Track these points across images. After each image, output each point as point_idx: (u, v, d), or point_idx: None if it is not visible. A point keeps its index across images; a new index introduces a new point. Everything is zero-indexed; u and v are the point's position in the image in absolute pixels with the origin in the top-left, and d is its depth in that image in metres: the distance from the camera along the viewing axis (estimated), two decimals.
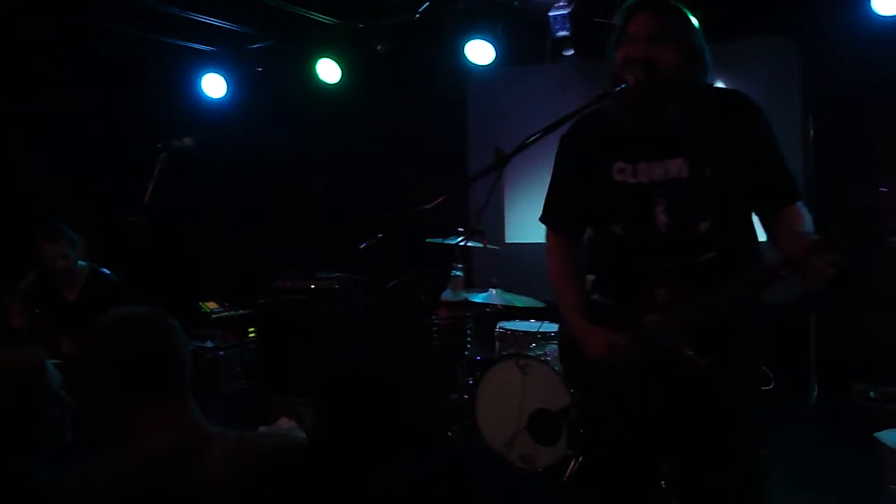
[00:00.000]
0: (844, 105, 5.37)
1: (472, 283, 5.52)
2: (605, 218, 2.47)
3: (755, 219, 2.46)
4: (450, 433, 4.86)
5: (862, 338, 5.18)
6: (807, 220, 2.30)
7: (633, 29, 2.33)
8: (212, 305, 6.52)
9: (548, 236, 2.71)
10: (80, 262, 4.55)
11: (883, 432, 4.66)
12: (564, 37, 5.66)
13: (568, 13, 5.56)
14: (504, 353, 4.77)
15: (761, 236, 2.47)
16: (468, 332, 4.98)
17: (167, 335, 1.81)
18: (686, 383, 2.32)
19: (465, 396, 4.84)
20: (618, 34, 2.39)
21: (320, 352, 5.65)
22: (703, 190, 2.30)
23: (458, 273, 4.83)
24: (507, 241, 6.50)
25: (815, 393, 5.47)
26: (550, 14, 5.62)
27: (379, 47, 6.24)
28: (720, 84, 2.45)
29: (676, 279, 2.32)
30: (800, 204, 2.35)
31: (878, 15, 4.86)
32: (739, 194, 2.33)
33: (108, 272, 4.65)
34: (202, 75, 6.82)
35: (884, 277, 5.03)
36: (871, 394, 4.95)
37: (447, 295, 4.66)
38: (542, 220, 2.72)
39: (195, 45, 6.74)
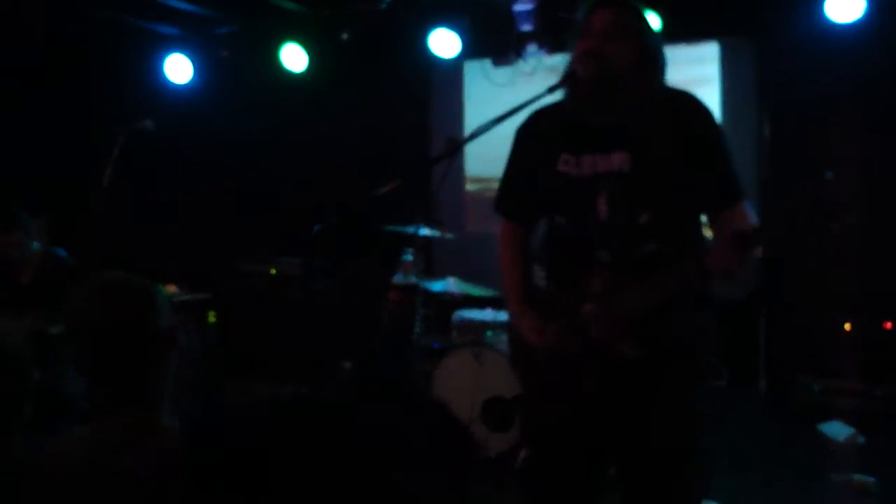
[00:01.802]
0: (798, 107, 5.49)
1: (430, 272, 5.58)
2: (550, 208, 2.54)
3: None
4: None
5: (807, 333, 5.31)
6: (749, 220, 2.35)
7: (592, 24, 2.39)
8: (171, 289, 6.49)
9: (501, 225, 2.76)
10: (35, 244, 4.51)
11: (825, 424, 4.82)
12: (529, 31, 5.74)
13: (532, 9, 5.64)
14: (460, 342, 4.83)
15: None
16: (417, 316, 5.01)
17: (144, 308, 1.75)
18: (622, 374, 2.35)
19: (422, 382, 4.90)
20: (577, 29, 2.44)
21: (280, 336, 5.68)
22: (644, 183, 2.35)
23: (408, 257, 4.87)
24: (469, 230, 6.57)
25: (763, 385, 5.61)
26: (515, 9, 5.69)
27: (344, 35, 6.25)
28: (676, 84, 2.51)
29: (614, 270, 2.36)
30: (745, 204, 2.40)
31: (831, 21, 4.99)
32: (681, 191, 2.38)
33: (64, 254, 4.61)
34: (165, 58, 6.78)
35: (829, 275, 5.16)
36: (815, 387, 5.08)
37: (398, 278, 4.71)
38: (494, 208, 2.77)
39: (159, 28, 6.70)
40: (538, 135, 2.59)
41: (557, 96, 2.50)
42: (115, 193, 3.59)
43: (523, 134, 2.65)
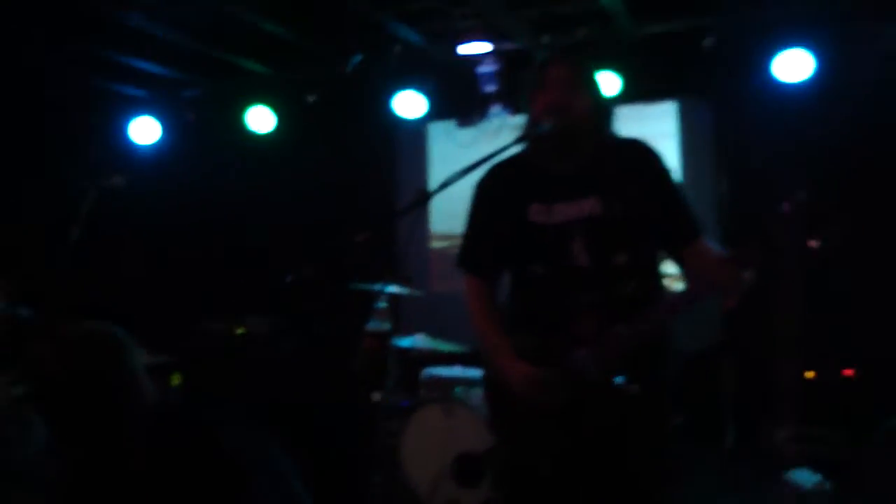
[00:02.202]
0: (754, 162, 5.66)
1: (398, 329, 5.58)
2: (525, 259, 2.56)
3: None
4: (375, 479, 4.86)
5: (771, 381, 5.38)
6: (715, 250, 2.42)
7: (549, 77, 2.50)
8: None
9: (465, 281, 2.76)
10: None
11: (793, 472, 4.85)
12: (492, 92, 5.88)
13: (496, 70, 5.79)
14: (429, 399, 4.82)
15: None
16: (391, 362, 4.99)
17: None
18: (618, 416, 2.38)
19: (390, 442, 4.86)
20: (535, 82, 2.54)
21: (247, 397, 5.61)
22: (616, 225, 2.44)
23: (382, 304, 4.88)
24: (434, 288, 6.60)
25: (730, 434, 5.64)
26: (478, 70, 5.83)
27: (310, 98, 6.34)
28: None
29: (600, 311, 2.40)
30: (705, 237, 2.50)
31: (781, 81, 5.19)
32: (648, 230, 2.48)
33: (27, 313, 4.53)
34: (131, 120, 6.81)
35: (789, 324, 5.26)
36: (781, 435, 5.12)
37: (372, 325, 4.71)
38: (458, 264, 2.78)
39: (126, 90, 6.74)
40: (502, 187, 2.64)
41: (514, 150, 2.60)
42: (82, 250, 3.57)
43: (484, 188, 2.70)
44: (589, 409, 2.39)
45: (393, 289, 5.03)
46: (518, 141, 2.52)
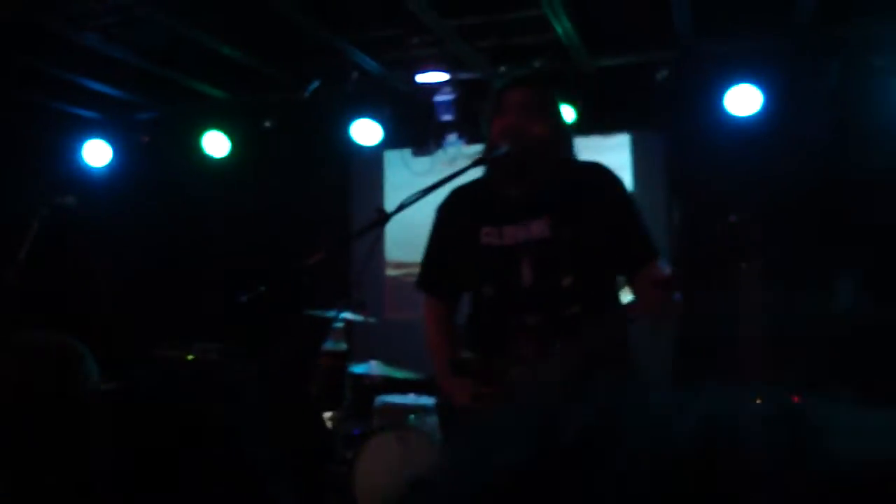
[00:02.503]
0: (705, 194, 5.77)
1: (352, 356, 5.54)
2: (477, 280, 2.61)
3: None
4: None
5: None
6: (667, 272, 2.45)
7: (508, 101, 2.52)
8: None
9: (424, 302, 2.79)
10: None
11: None
12: (449, 121, 5.92)
13: (452, 99, 5.84)
14: (382, 426, 4.78)
15: None
16: (347, 382, 4.94)
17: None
18: None
19: (344, 469, 4.80)
20: (493, 106, 2.57)
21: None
22: (564, 248, 2.46)
23: (339, 325, 4.85)
24: (388, 316, 6.57)
25: None
26: (435, 99, 5.88)
27: (267, 123, 6.32)
28: None
29: (543, 333, 2.43)
30: (661, 260, 2.52)
31: (731, 114, 5.32)
32: (599, 253, 2.49)
33: None
34: (85, 142, 6.71)
35: (737, 351, 5.34)
36: None
37: (328, 345, 4.67)
38: (416, 284, 2.81)
39: (80, 111, 6.66)
40: (458, 211, 2.69)
41: (476, 174, 2.62)
42: (30, 270, 3.49)
43: (443, 211, 2.74)
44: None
45: (347, 315, 5.00)
46: (475, 164, 2.54)
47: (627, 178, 6.11)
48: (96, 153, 6.72)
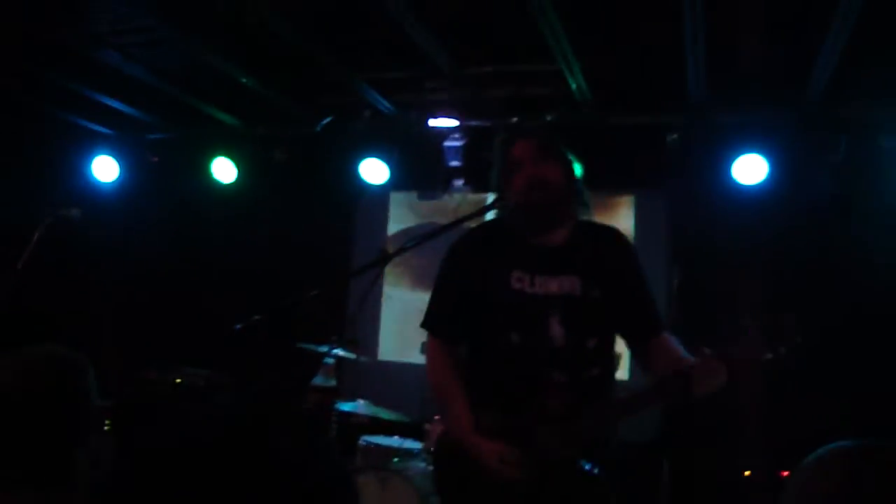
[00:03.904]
0: (707, 257, 5.78)
1: (340, 393, 5.50)
2: (503, 325, 2.51)
3: None
4: None
5: (709, 478, 5.40)
6: (681, 347, 2.47)
7: (517, 154, 2.52)
8: None
9: (429, 343, 2.69)
10: None
11: None
12: (456, 167, 5.94)
13: (461, 145, 5.86)
14: (365, 467, 4.72)
15: None
16: (334, 418, 4.90)
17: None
18: (579, 499, 2.37)
19: None
20: (503, 160, 2.57)
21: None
22: (593, 309, 2.46)
23: (329, 361, 4.81)
24: (381, 358, 6.54)
25: None
26: (445, 144, 5.90)
27: (277, 154, 6.35)
28: None
29: (569, 392, 2.40)
30: (667, 333, 2.53)
31: (738, 182, 5.36)
32: (619, 318, 2.51)
33: None
34: (95, 156, 6.74)
35: (730, 423, 5.32)
36: None
37: (318, 380, 4.63)
38: (423, 325, 2.69)
39: (92, 125, 6.70)
40: (478, 251, 2.62)
41: (487, 218, 2.63)
42: (29, 280, 3.48)
43: (459, 251, 2.66)
44: (550, 488, 2.35)
45: (339, 352, 4.97)
46: (493, 206, 2.55)
47: (629, 239, 6.12)
48: (104, 168, 6.75)
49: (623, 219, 6.16)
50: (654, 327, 2.54)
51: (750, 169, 5.31)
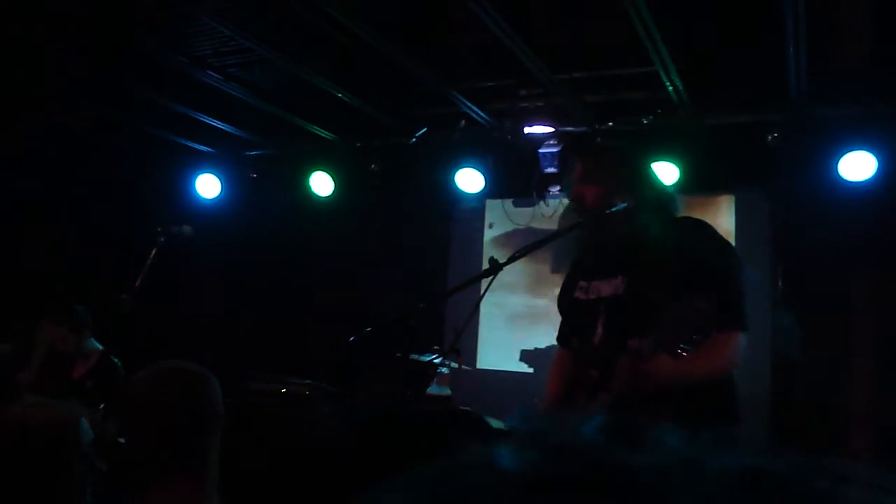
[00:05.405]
0: (812, 259, 5.58)
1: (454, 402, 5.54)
2: (570, 333, 2.76)
3: None
4: None
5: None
6: (723, 353, 2.36)
7: (573, 172, 2.70)
8: None
9: (555, 355, 2.93)
10: (94, 344, 4.34)
11: None
12: (552, 173, 5.91)
13: (557, 151, 5.82)
14: None
15: None
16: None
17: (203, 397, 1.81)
18: None
19: None
20: (569, 176, 2.76)
21: (278, 455, 5.53)
22: (636, 308, 2.39)
23: (444, 370, 4.85)
24: (479, 366, 6.55)
25: None
26: (540, 151, 5.87)
27: (373, 166, 6.44)
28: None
29: (598, 386, 2.41)
30: (739, 335, 2.36)
31: (845, 179, 5.17)
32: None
33: (118, 362, 4.41)
34: (198, 174, 6.98)
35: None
36: None
37: (433, 390, 4.67)
38: (557, 340, 2.92)
39: (194, 145, 6.93)
40: (573, 265, 2.86)
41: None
42: (144, 298, 3.59)
43: (570, 266, 2.90)
44: None
45: (441, 361, 4.98)
46: (567, 229, 2.75)
47: (730, 239, 5.95)
48: (208, 186, 6.97)
49: (724, 218, 6.02)
50: (720, 322, 2.21)
51: (857, 165, 5.12)
